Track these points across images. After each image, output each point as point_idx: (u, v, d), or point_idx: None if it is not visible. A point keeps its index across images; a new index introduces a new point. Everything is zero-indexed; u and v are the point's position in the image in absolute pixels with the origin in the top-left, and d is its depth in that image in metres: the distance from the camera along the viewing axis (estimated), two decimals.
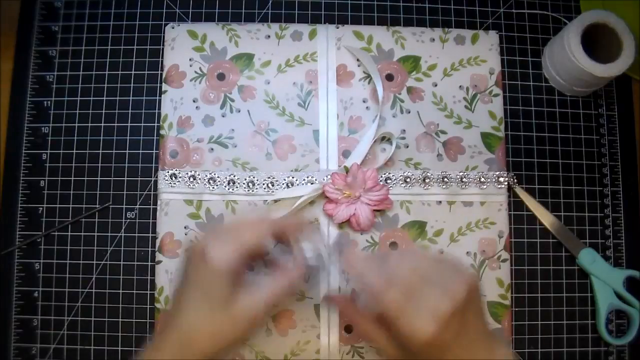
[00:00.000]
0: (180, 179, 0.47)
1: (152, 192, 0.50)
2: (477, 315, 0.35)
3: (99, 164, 0.51)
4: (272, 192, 0.47)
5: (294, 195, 0.46)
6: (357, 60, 0.50)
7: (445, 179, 0.48)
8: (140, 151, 0.51)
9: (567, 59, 0.49)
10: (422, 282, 0.34)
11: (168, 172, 0.48)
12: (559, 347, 0.50)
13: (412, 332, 0.32)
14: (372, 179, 0.46)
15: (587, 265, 0.50)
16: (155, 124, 0.51)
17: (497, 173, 0.49)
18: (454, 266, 0.36)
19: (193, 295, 0.34)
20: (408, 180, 0.48)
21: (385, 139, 0.49)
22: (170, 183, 0.48)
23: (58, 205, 0.50)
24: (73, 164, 0.51)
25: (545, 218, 0.51)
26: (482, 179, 0.49)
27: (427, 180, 0.48)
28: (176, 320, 0.34)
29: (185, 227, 0.47)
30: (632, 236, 0.52)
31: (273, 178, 0.48)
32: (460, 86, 0.50)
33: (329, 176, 0.47)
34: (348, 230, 0.48)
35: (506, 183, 0.49)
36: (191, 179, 0.48)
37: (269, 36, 0.50)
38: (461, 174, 0.49)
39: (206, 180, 0.48)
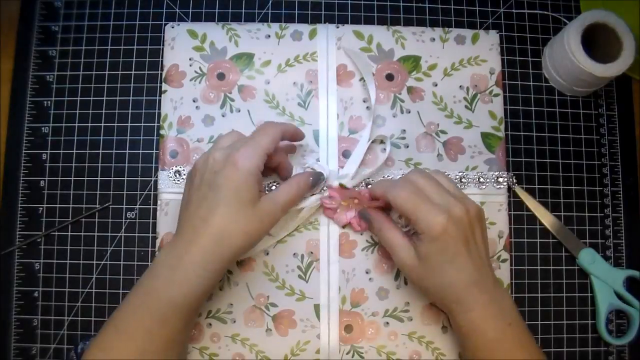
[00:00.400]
0: (184, 177, 0.47)
1: (152, 192, 0.50)
2: (483, 237, 0.42)
3: (99, 164, 0.51)
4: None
5: (295, 207, 0.46)
6: (368, 63, 0.50)
7: None
8: (140, 151, 0.51)
9: (567, 59, 0.49)
10: (437, 187, 0.41)
11: (172, 169, 0.48)
12: (559, 347, 0.50)
13: (428, 224, 0.39)
14: (367, 192, 0.46)
15: (587, 265, 0.50)
16: (155, 124, 0.51)
17: (496, 173, 0.49)
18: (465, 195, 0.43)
19: (226, 197, 0.39)
20: None
21: (382, 141, 0.49)
22: (175, 180, 0.47)
23: (58, 205, 0.50)
24: (73, 164, 0.51)
25: (545, 218, 0.51)
26: (481, 179, 0.49)
27: None
28: (210, 219, 0.39)
29: None
30: (632, 236, 0.52)
31: (278, 183, 0.47)
32: (460, 86, 0.50)
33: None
34: (348, 231, 0.48)
35: (505, 183, 0.49)
36: None
37: (269, 36, 0.50)
38: (460, 174, 0.49)
39: None
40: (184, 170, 0.48)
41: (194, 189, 0.41)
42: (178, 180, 0.47)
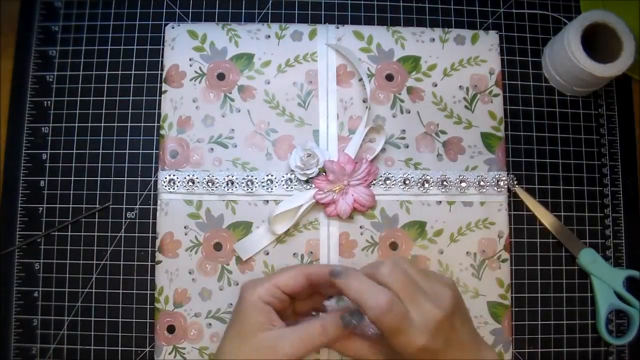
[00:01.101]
0: (179, 184, 0.47)
1: (152, 192, 0.50)
2: (463, 320, 0.37)
3: (99, 164, 0.51)
4: (271, 189, 0.47)
5: (293, 206, 0.46)
6: (359, 59, 0.50)
7: (445, 182, 0.48)
8: (140, 151, 0.51)
9: (567, 59, 0.49)
10: (413, 293, 0.35)
11: (166, 177, 0.48)
12: (559, 347, 0.50)
13: (406, 344, 0.34)
14: (349, 163, 0.46)
15: (587, 265, 0.50)
16: (155, 124, 0.51)
17: (497, 176, 0.49)
18: (437, 275, 0.39)
19: (231, 330, 0.39)
20: (407, 182, 0.48)
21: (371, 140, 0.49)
22: (170, 188, 0.47)
23: (58, 205, 0.50)
24: (73, 164, 0.51)
25: (545, 218, 0.51)
26: (482, 183, 0.49)
27: (426, 185, 0.48)
28: (220, 351, 0.39)
29: (185, 227, 0.47)
30: (632, 236, 0.52)
31: (272, 175, 0.48)
32: (460, 86, 0.50)
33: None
34: (348, 231, 0.48)
35: (506, 186, 0.49)
36: (190, 183, 0.47)
37: (269, 36, 0.50)
38: (460, 177, 0.49)
39: (205, 182, 0.48)
40: (177, 177, 0.48)
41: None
42: (172, 189, 0.47)
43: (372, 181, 0.47)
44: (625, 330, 0.51)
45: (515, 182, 0.51)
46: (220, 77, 0.49)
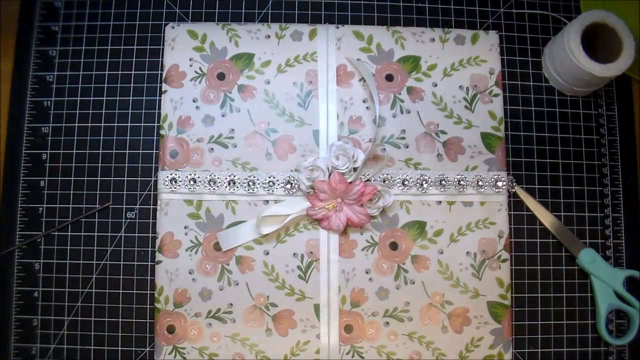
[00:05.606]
0: (180, 183, 0.47)
1: (152, 192, 0.50)
2: None
3: (99, 164, 0.51)
4: (272, 191, 0.48)
5: (282, 213, 0.46)
6: (358, 59, 0.50)
7: (443, 182, 0.48)
8: (140, 151, 0.51)
9: (567, 59, 0.49)
10: None
11: (168, 176, 0.48)
12: (559, 347, 0.50)
13: None
14: (341, 182, 0.46)
15: (587, 265, 0.50)
16: (155, 124, 0.51)
17: (495, 176, 0.49)
18: None
19: None
20: (406, 183, 0.48)
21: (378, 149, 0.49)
22: (172, 188, 0.47)
23: (58, 205, 0.50)
24: (73, 164, 0.51)
25: (545, 218, 0.51)
26: (480, 182, 0.49)
27: (424, 185, 0.48)
28: None
29: (185, 227, 0.47)
30: (632, 236, 0.52)
31: (274, 177, 0.48)
32: (460, 86, 0.50)
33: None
34: (348, 231, 0.48)
35: (504, 187, 0.49)
36: (191, 182, 0.47)
37: (269, 36, 0.50)
38: (459, 176, 0.49)
39: (206, 182, 0.48)
40: (179, 177, 0.48)
41: None
42: (174, 188, 0.47)
43: (368, 200, 0.47)
44: (625, 330, 0.51)
45: (514, 183, 0.51)
46: (220, 77, 0.49)
